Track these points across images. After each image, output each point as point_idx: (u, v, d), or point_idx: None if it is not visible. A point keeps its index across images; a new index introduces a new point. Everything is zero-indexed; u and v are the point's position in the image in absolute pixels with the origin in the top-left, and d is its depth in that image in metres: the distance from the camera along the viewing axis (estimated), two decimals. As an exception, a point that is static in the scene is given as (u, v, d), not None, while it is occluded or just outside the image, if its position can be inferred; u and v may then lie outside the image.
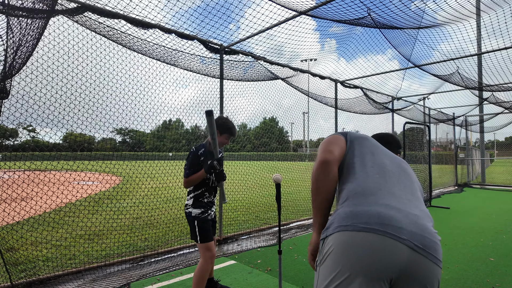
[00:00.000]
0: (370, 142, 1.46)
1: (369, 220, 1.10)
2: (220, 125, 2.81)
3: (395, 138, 1.92)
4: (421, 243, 1.07)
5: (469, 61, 5.97)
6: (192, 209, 2.72)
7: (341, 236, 1.13)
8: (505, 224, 6.05)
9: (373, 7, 3.47)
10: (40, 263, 3.82)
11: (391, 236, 1.06)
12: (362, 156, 1.36)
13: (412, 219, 1.12)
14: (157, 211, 6.03)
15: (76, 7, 3.32)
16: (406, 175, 1.37)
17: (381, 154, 1.41)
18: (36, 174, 3.51)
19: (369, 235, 1.07)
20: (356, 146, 1.41)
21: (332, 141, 1.41)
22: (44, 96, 3.38)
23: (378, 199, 1.18)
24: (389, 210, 1.13)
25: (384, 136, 1.91)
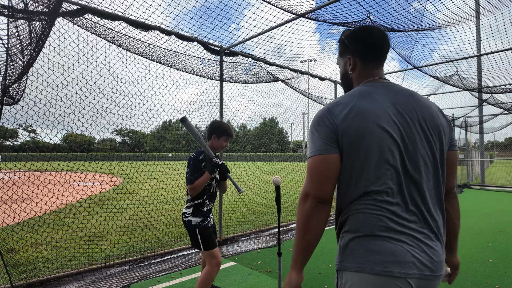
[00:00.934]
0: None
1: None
2: (216, 129, 2.80)
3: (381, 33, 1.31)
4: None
5: (467, 63, 5.99)
6: (192, 218, 2.67)
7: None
8: (505, 225, 6.06)
9: (372, 11, 3.49)
10: (40, 265, 3.83)
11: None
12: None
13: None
14: (157, 212, 6.04)
15: (77, 9, 3.33)
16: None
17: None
18: (36, 175, 3.52)
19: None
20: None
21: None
22: (45, 98, 3.40)
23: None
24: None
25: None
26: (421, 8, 3.85)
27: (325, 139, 1.10)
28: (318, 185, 1.09)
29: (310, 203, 1.09)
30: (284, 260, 4.10)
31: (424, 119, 1.13)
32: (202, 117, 5.12)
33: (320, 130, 1.12)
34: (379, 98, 1.14)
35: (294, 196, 8.21)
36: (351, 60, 1.28)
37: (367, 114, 1.08)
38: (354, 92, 1.18)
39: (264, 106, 6.72)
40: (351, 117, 1.08)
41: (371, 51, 1.25)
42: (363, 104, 1.11)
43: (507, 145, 34.99)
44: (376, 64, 1.26)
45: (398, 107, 1.12)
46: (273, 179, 2.46)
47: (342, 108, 1.11)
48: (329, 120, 1.11)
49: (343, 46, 1.33)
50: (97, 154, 9.95)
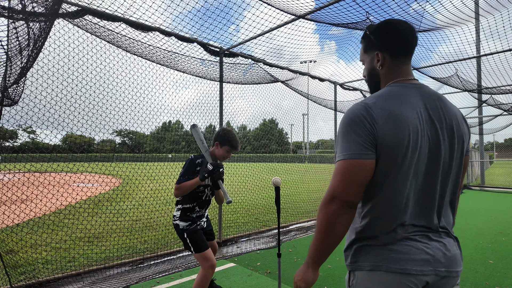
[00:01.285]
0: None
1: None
2: (220, 137, 2.69)
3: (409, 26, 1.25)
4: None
5: (466, 64, 6.00)
6: (179, 222, 2.64)
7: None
8: (505, 226, 6.06)
9: (372, 11, 3.49)
10: (40, 266, 3.82)
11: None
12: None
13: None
14: (157, 213, 6.04)
15: (77, 10, 3.33)
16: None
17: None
18: (36, 176, 3.52)
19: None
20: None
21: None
22: (44, 99, 3.40)
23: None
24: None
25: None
26: (420, 9, 3.86)
27: (364, 142, 1.05)
28: (349, 189, 1.05)
29: (337, 206, 1.06)
30: (283, 261, 4.10)
31: (451, 127, 1.14)
32: (201, 118, 5.11)
33: (359, 131, 1.05)
34: (413, 102, 1.12)
35: (294, 197, 8.21)
36: (380, 56, 1.24)
37: (404, 122, 1.06)
38: (389, 93, 1.14)
39: (264, 107, 6.72)
40: (391, 125, 1.05)
41: (400, 45, 1.22)
42: (400, 110, 1.08)
43: (507, 146, 35.01)
44: (405, 59, 1.23)
45: (430, 112, 1.13)
46: (273, 180, 2.46)
47: (381, 112, 1.07)
48: (369, 123, 1.05)
49: (368, 42, 1.29)
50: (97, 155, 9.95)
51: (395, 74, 1.22)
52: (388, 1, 3.41)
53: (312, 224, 6.44)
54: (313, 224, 6.44)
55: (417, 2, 3.57)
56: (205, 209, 2.80)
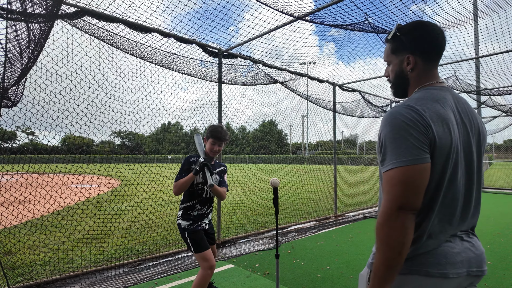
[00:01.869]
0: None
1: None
2: (206, 131, 2.79)
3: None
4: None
5: (465, 65, 6.01)
6: (181, 221, 2.70)
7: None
8: (503, 227, 6.06)
9: (370, 13, 3.50)
10: (38, 267, 3.81)
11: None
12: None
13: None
14: (155, 215, 6.03)
15: (76, 11, 3.34)
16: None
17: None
18: (34, 177, 3.51)
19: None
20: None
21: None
22: (43, 100, 3.40)
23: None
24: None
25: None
26: (419, 11, 3.87)
27: (422, 146, 1.00)
28: (415, 196, 1.00)
29: (406, 216, 0.99)
30: (282, 262, 4.09)
31: (478, 130, 1.18)
32: (201, 119, 5.11)
33: (415, 135, 1.00)
34: (451, 105, 1.13)
35: (293, 198, 8.20)
36: (411, 60, 1.19)
37: (451, 124, 1.07)
38: (432, 96, 1.12)
39: (263, 108, 6.73)
40: (442, 127, 1.04)
41: (435, 50, 1.18)
42: (445, 113, 1.08)
43: (506, 147, 35.07)
44: (436, 64, 1.21)
45: (462, 115, 1.15)
46: (271, 181, 2.46)
47: (431, 114, 1.05)
48: (423, 125, 1.02)
49: (399, 43, 1.23)
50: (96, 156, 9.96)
51: (427, 78, 1.20)
52: (386, 3, 3.42)
53: (310, 225, 6.44)
54: (312, 225, 6.43)
55: (415, 4, 3.59)
56: (207, 208, 2.80)
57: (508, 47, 5.01)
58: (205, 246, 2.63)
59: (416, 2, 3.44)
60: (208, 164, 2.57)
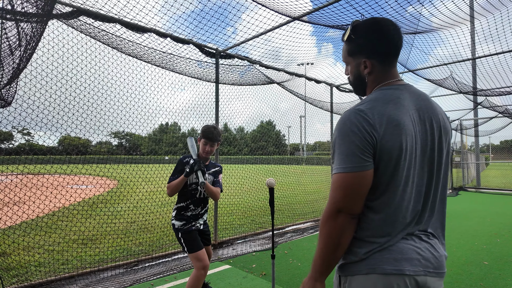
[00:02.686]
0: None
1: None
2: (202, 129, 2.77)
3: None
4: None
5: (461, 66, 6.04)
6: (175, 221, 2.71)
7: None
8: (500, 227, 6.09)
9: (367, 14, 3.51)
10: (32, 268, 3.78)
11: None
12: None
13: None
14: (152, 216, 6.01)
15: (72, 11, 3.32)
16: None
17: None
18: (29, 178, 3.48)
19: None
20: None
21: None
22: (38, 100, 3.38)
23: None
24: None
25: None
26: (416, 13, 3.88)
27: (363, 153, 1.02)
28: (353, 202, 1.04)
29: (344, 219, 1.04)
30: (279, 263, 4.08)
31: (439, 126, 1.14)
32: (198, 119, 5.10)
33: (356, 142, 1.02)
34: (406, 104, 1.10)
35: (291, 198, 8.19)
36: (368, 63, 1.18)
37: (402, 126, 1.04)
38: (384, 97, 1.10)
39: (261, 109, 6.75)
40: (390, 131, 1.03)
41: (391, 52, 1.16)
42: (396, 114, 1.06)
43: (502, 148, 35.25)
44: (393, 63, 1.19)
45: (420, 113, 1.12)
46: (267, 181, 2.45)
47: (379, 117, 1.04)
48: (366, 131, 1.02)
49: (354, 46, 1.20)
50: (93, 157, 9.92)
51: (384, 78, 1.18)
52: (383, 4, 3.43)
53: (308, 225, 6.43)
54: (309, 225, 6.43)
55: (412, 5, 3.60)
56: (202, 208, 2.78)
57: (503, 48, 5.04)
58: (198, 246, 2.63)
59: (412, 3, 3.45)
60: (199, 162, 2.56)
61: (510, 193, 11.89)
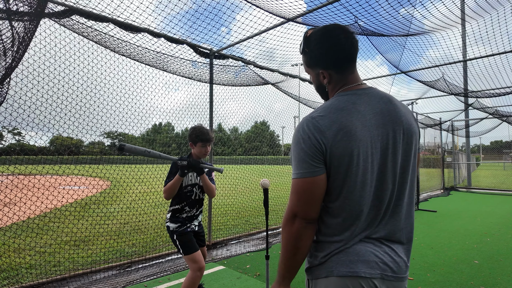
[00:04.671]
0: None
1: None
2: (190, 136, 2.69)
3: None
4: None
5: (453, 68, 6.14)
6: (170, 223, 2.67)
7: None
8: (490, 227, 6.19)
9: (360, 16, 3.55)
10: (23, 271, 3.73)
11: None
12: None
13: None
14: (145, 216, 5.96)
15: (64, 10, 3.28)
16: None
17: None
18: (20, 178, 3.43)
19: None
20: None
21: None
22: (30, 100, 3.33)
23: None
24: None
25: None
26: (408, 15, 3.93)
27: (313, 160, 1.05)
28: (307, 207, 1.06)
29: (299, 224, 1.07)
30: (272, 263, 4.09)
31: (403, 129, 1.12)
32: (192, 120, 5.09)
33: (306, 149, 1.05)
34: (362, 109, 1.09)
35: (284, 199, 8.21)
36: (325, 74, 1.19)
37: (353, 132, 1.04)
38: (339, 104, 1.11)
39: (255, 109, 6.73)
40: (340, 138, 1.03)
41: (345, 59, 1.15)
42: (348, 120, 1.06)
43: (492, 148, 35.86)
44: (351, 68, 1.18)
45: (380, 117, 1.10)
46: (261, 182, 2.46)
47: (330, 124, 1.05)
48: (316, 139, 1.04)
49: (309, 59, 1.22)
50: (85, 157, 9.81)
51: (343, 84, 1.19)
52: (375, 6, 3.47)
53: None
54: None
55: (404, 8, 3.64)
56: (197, 210, 2.77)
57: (493, 50, 5.14)
58: (194, 247, 2.62)
59: (404, 6, 3.49)
60: (191, 160, 2.52)
61: (500, 193, 12.10)
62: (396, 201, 1.11)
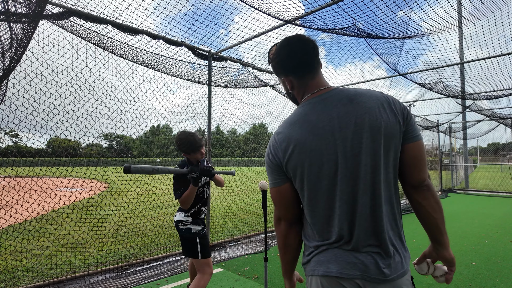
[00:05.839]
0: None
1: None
2: (180, 149, 2.63)
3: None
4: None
5: (450, 70, 6.17)
6: (193, 226, 2.63)
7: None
8: (488, 228, 6.21)
9: (358, 18, 3.56)
10: (20, 273, 3.70)
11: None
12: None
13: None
14: (143, 219, 5.94)
15: (62, 11, 3.28)
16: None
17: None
18: (17, 180, 3.41)
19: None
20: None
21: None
22: (27, 101, 3.32)
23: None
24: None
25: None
26: (405, 17, 3.95)
27: (274, 173, 1.20)
28: (283, 211, 1.23)
29: (284, 225, 1.24)
30: (270, 265, 4.08)
31: (367, 126, 1.07)
32: (190, 121, 5.08)
33: (269, 164, 1.21)
34: (314, 119, 1.12)
35: (283, 201, 8.20)
36: (287, 81, 1.27)
37: (301, 146, 1.11)
38: (292, 117, 1.19)
39: (253, 111, 6.74)
40: (291, 152, 1.13)
41: (299, 65, 1.21)
42: (299, 133, 1.12)
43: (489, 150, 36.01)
44: (311, 74, 1.21)
45: (336, 122, 1.09)
46: (260, 184, 2.46)
47: (283, 139, 1.16)
48: (273, 154, 1.19)
49: (274, 68, 1.31)
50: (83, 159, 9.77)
51: (305, 91, 1.24)
52: (373, 9, 3.48)
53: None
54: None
55: (402, 10, 3.66)
56: (206, 207, 2.86)
57: (490, 53, 5.17)
58: (210, 252, 2.66)
59: (402, 8, 3.51)
60: (200, 169, 2.53)
61: (497, 195, 12.15)
62: (371, 201, 1.08)
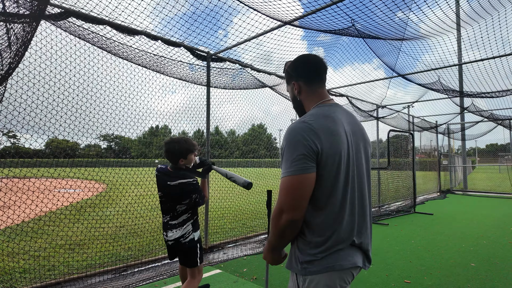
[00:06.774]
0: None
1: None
2: (182, 153, 2.54)
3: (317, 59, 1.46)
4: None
5: (449, 72, 6.19)
6: (194, 233, 2.53)
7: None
8: (486, 229, 6.22)
9: (357, 18, 3.56)
10: (17, 275, 3.67)
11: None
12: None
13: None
14: (142, 220, 5.92)
15: (61, 12, 3.27)
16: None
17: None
18: (15, 181, 3.39)
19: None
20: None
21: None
22: (25, 102, 3.30)
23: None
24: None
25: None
26: (404, 17, 3.96)
27: (307, 158, 1.16)
28: (295, 205, 1.17)
29: (285, 221, 1.19)
30: (271, 267, 4.07)
31: (363, 138, 1.38)
32: (189, 122, 5.07)
33: (302, 148, 1.16)
34: (339, 119, 1.30)
35: (281, 202, 8.19)
36: (296, 85, 1.43)
37: (339, 136, 1.23)
38: (323, 112, 1.29)
39: (252, 112, 6.73)
40: (331, 139, 1.20)
41: (314, 73, 1.40)
42: (334, 126, 1.24)
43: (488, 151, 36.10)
44: (319, 83, 1.41)
45: (350, 127, 1.33)
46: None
47: (321, 128, 1.21)
48: (311, 139, 1.17)
49: (287, 75, 1.49)
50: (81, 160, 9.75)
51: (314, 97, 1.40)
52: (373, 9, 3.49)
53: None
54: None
55: (401, 10, 3.67)
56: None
57: (488, 54, 5.19)
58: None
59: (401, 9, 3.52)
60: (206, 160, 2.68)
61: (495, 196, 12.18)
62: (367, 200, 1.35)
